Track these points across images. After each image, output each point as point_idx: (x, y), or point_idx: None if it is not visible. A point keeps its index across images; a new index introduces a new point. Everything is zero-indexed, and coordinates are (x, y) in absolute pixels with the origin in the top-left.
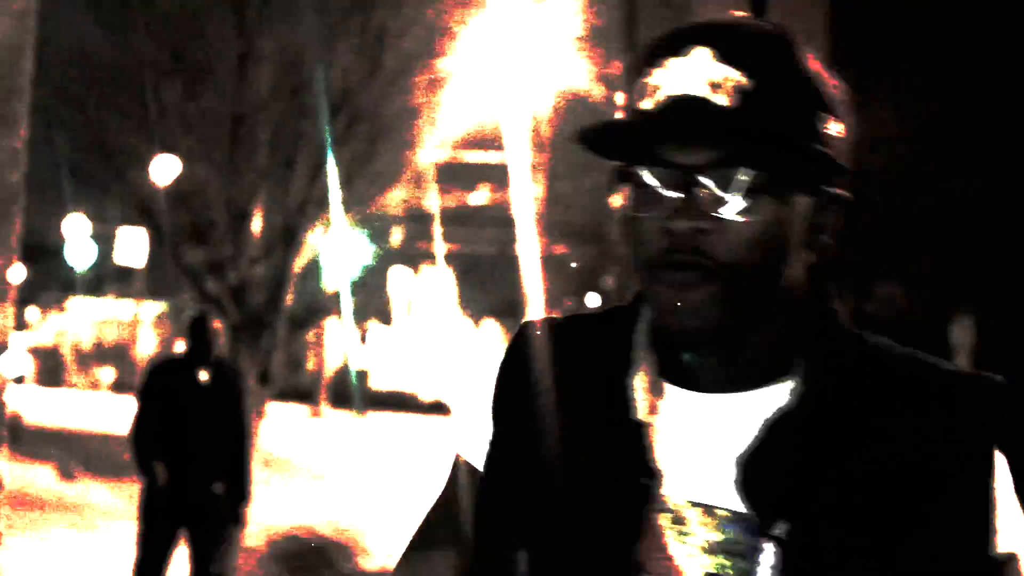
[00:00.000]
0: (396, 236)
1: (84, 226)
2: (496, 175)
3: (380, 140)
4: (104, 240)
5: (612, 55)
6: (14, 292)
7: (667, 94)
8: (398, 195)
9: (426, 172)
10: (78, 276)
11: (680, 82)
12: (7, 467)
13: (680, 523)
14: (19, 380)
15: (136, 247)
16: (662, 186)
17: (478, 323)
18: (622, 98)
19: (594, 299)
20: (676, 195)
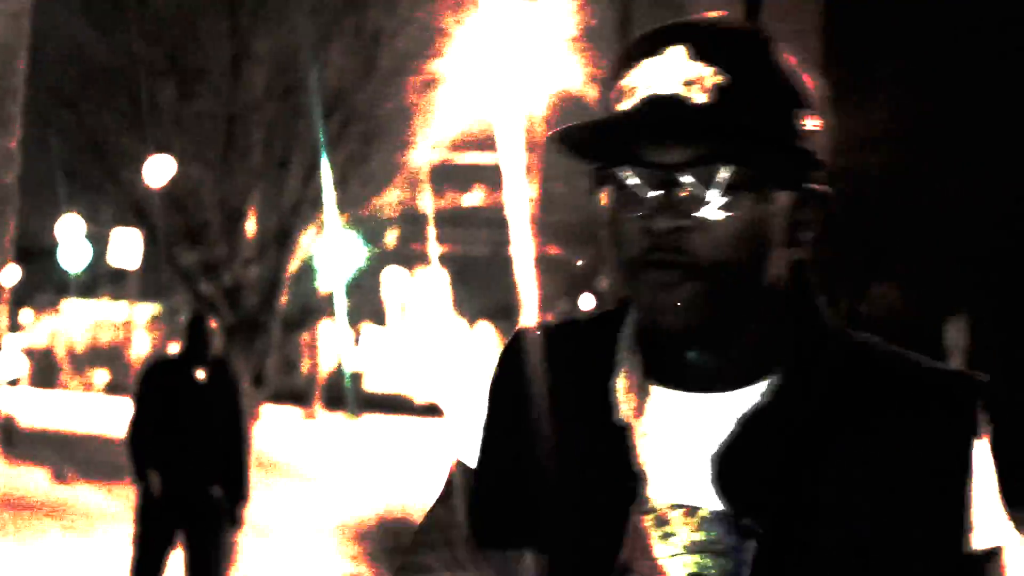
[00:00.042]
0: (390, 237)
1: (78, 227)
2: (490, 176)
3: (374, 141)
4: (98, 241)
5: (606, 56)
6: (8, 294)
7: (643, 94)
8: (392, 196)
9: (420, 173)
10: (72, 278)
11: (656, 81)
12: (0, 469)
13: (664, 524)
14: (13, 382)
15: (130, 248)
16: (642, 186)
17: (472, 324)
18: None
19: (588, 300)
20: (656, 194)
